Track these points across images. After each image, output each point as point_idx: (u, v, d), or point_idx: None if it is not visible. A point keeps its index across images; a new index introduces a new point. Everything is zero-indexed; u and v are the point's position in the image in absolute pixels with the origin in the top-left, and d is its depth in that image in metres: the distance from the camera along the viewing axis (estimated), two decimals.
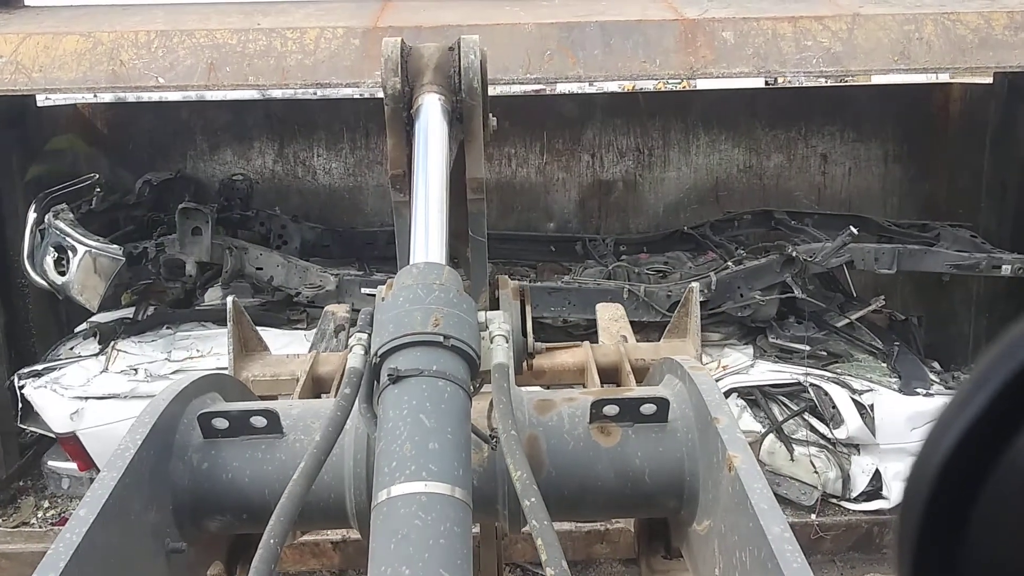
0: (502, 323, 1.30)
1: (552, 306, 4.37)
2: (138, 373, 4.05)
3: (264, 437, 1.41)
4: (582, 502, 1.43)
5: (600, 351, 2.07)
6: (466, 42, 1.67)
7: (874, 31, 3.97)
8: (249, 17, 4.16)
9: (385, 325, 1.21)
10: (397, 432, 1.08)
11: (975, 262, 4.48)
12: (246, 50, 3.87)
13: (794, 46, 3.93)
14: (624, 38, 3.93)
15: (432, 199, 1.49)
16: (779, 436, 4.01)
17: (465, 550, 0.99)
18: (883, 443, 3.97)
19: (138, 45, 3.87)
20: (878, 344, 4.50)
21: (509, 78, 3.86)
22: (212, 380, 1.56)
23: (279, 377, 2.04)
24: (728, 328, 4.53)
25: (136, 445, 1.27)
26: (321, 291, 4.37)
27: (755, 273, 4.45)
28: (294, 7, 4.43)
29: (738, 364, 4.29)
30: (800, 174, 5.45)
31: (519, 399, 1.46)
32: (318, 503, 1.37)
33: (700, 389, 1.40)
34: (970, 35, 3.96)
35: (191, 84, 3.85)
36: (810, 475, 4.02)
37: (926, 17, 4.01)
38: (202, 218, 4.32)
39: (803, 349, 4.34)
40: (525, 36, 3.90)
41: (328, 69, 3.85)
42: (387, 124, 1.66)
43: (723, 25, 3.97)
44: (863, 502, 4.04)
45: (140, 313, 4.57)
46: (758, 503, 1.14)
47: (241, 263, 4.47)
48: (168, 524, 1.34)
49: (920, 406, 3.98)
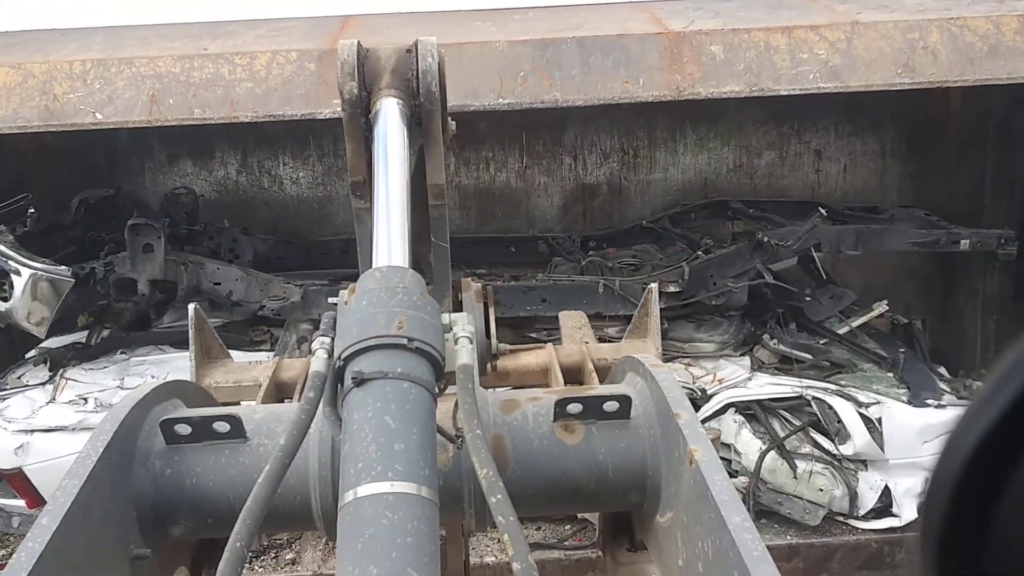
0: (466, 325, 1.32)
1: (527, 305, 4.20)
2: (88, 403, 3.76)
3: (227, 442, 1.42)
4: (548, 499, 1.47)
5: (563, 352, 2.13)
6: (424, 44, 1.65)
7: (875, 40, 3.70)
8: (195, 41, 3.89)
9: (348, 328, 1.21)
10: (362, 434, 1.09)
11: (935, 238, 4.50)
12: (191, 79, 3.60)
13: (789, 59, 3.67)
14: (604, 55, 3.67)
15: (393, 205, 1.50)
16: (781, 453, 3.75)
17: (432, 548, 1.00)
18: (892, 458, 3.72)
19: (73, 77, 3.59)
20: (883, 352, 4.25)
21: (480, 103, 3.59)
22: (174, 387, 1.56)
23: (241, 383, 2.06)
24: (723, 337, 4.27)
25: (98, 452, 1.27)
26: (286, 303, 4.11)
27: (726, 261, 4.33)
28: (245, 28, 4.14)
29: (735, 377, 4.03)
30: (793, 172, 5.19)
31: (484, 399, 1.48)
32: (283, 506, 1.38)
33: (661, 386, 1.43)
34: (979, 43, 3.68)
35: (131, 120, 3.57)
36: (815, 494, 3.75)
37: (931, 24, 3.73)
38: (153, 234, 4.04)
39: (805, 358, 4.09)
40: (497, 56, 3.64)
41: (281, 98, 3.59)
42: (345, 129, 1.66)
43: (711, 38, 3.71)
44: (872, 520, 3.78)
45: (93, 337, 4.27)
46: (719, 494, 1.17)
47: (198, 279, 4.20)
48: (132, 531, 1.35)
49: (931, 418, 3.73)
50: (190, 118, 3.60)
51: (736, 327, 4.32)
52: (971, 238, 4.43)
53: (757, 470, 3.73)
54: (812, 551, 3.77)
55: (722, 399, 3.89)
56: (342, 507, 1.03)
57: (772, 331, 4.22)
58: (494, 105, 3.62)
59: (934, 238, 4.46)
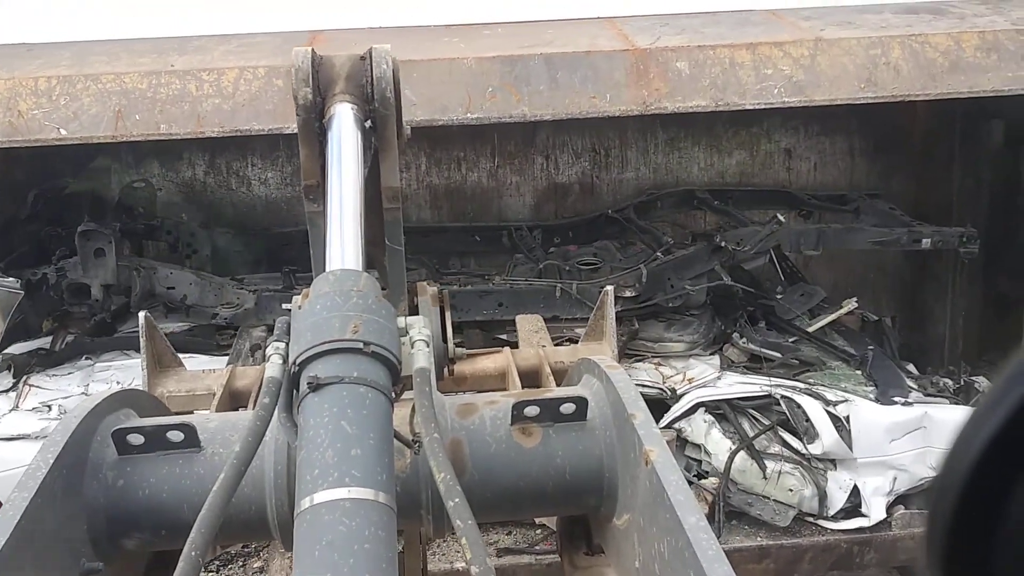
0: (422, 328, 1.32)
1: (484, 309, 4.19)
2: (52, 410, 3.70)
3: (181, 452, 1.40)
4: (506, 502, 1.48)
5: (520, 355, 2.15)
6: (378, 51, 1.68)
7: (838, 56, 3.74)
8: (163, 57, 3.86)
9: (303, 333, 1.20)
10: (319, 440, 1.08)
11: (896, 237, 4.48)
12: (157, 95, 3.57)
13: (754, 75, 3.70)
14: (571, 72, 3.69)
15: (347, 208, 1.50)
16: (750, 453, 3.76)
17: (390, 554, 1.00)
18: (861, 457, 3.73)
19: (37, 93, 3.55)
20: (851, 350, 4.27)
21: (448, 118, 3.60)
22: (125, 396, 1.54)
23: (195, 392, 2.05)
24: (693, 337, 4.27)
25: (48, 464, 1.25)
26: (239, 310, 4.07)
27: (684, 263, 4.33)
28: (214, 43, 4.11)
29: (704, 376, 4.03)
30: (764, 170, 5.21)
31: (441, 403, 1.47)
32: (239, 515, 1.36)
33: (617, 387, 1.44)
34: (940, 58, 3.74)
35: (96, 136, 3.54)
36: (785, 494, 3.76)
37: (893, 40, 3.78)
38: (104, 239, 4.00)
39: (774, 356, 4.10)
40: (465, 72, 3.64)
41: (248, 114, 3.57)
42: (299, 134, 1.67)
43: (677, 55, 3.73)
44: (841, 520, 3.79)
45: (57, 343, 4.21)
46: (674, 495, 1.18)
47: (151, 283, 4.16)
48: (83, 543, 1.33)
49: (898, 416, 3.75)
50: (156, 133, 3.58)
51: (706, 326, 4.32)
52: (932, 236, 4.44)
53: (727, 470, 3.74)
54: (782, 552, 3.78)
55: (692, 399, 3.89)
56: (298, 514, 1.02)
57: (742, 330, 4.22)
58: (462, 120, 3.63)
59: (896, 236, 4.47)
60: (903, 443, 3.76)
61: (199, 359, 3.97)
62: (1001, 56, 3.74)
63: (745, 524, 3.80)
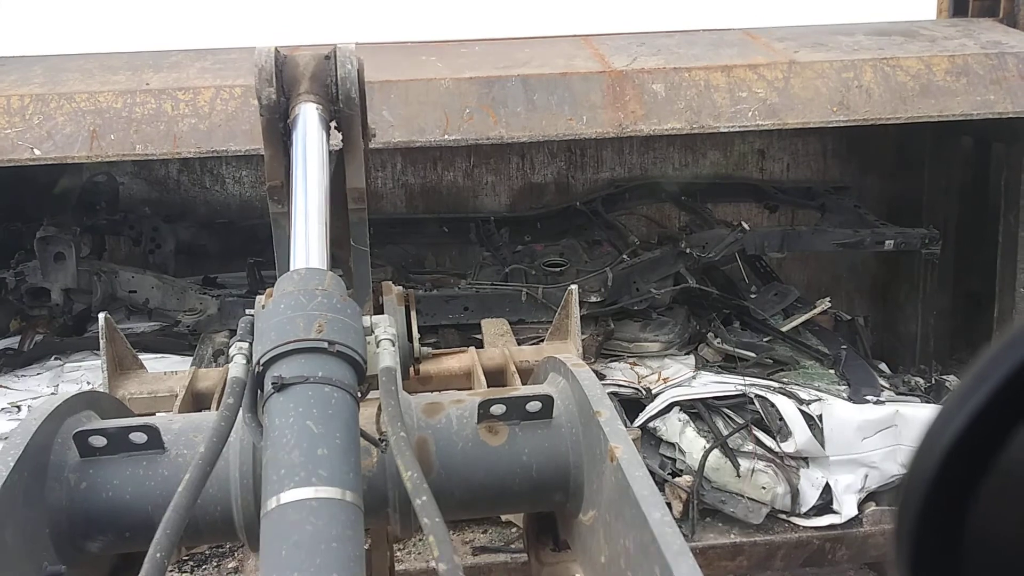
0: (388, 327, 1.31)
1: (450, 313, 4.20)
2: (21, 411, 3.66)
3: (145, 453, 1.38)
4: (473, 500, 1.48)
5: (486, 355, 2.15)
6: (342, 51, 1.68)
7: (811, 79, 3.80)
8: (137, 74, 3.82)
9: (267, 333, 1.20)
10: (284, 440, 1.08)
11: (860, 239, 4.55)
12: (132, 115, 3.55)
13: (728, 98, 3.74)
14: (548, 93, 3.71)
15: (312, 209, 1.50)
16: (724, 451, 3.77)
17: (357, 553, 1.00)
18: (832, 455, 3.76)
19: (11, 112, 3.52)
20: (824, 349, 4.31)
21: (426, 139, 3.61)
22: (87, 398, 1.52)
23: (157, 394, 2.03)
24: (668, 336, 4.29)
25: (8, 467, 1.23)
26: (202, 317, 4.03)
27: (650, 266, 4.36)
28: (189, 59, 4.07)
29: (679, 376, 4.05)
30: (738, 170, 5.25)
31: (407, 403, 1.48)
32: (204, 517, 1.36)
33: (582, 385, 1.45)
34: (911, 82, 3.81)
35: (71, 155, 3.50)
36: (758, 492, 3.78)
37: (865, 63, 3.85)
38: (64, 243, 3.96)
39: (749, 356, 4.13)
40: (443, 93, 3.65)
41: (225, 134, 3.54)
42: (263, 135, 1.66)
43: (653, 77, 3.76)
44: (813, 517, 3.81)
45: (26, 343, 4.16)
46: (639, 491, 1.18)
47: (112, 287, 4.13)
48: (45, 547, 1.31)
49: (870, 414, 3.78)
50: (132, 154, 3.56)
51: (681, 326, 4.34)
52: (896, 238, 4.51)
53: (701, 468, 3.76)
54: (755, 549, 3.80)
55: (667, 398, 3.90)
56: (265, 514, 1.02)
57: (716, 330, 4.25)
58: (440, 141, 3.64)
59: (860, 238, 4.53)
60: (875, 441, 3.79)
61: (171, 359, 3.94)
62: (970, 80, 3.81)
63: (719, 521, 3.82)
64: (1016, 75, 3.80)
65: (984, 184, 4.62)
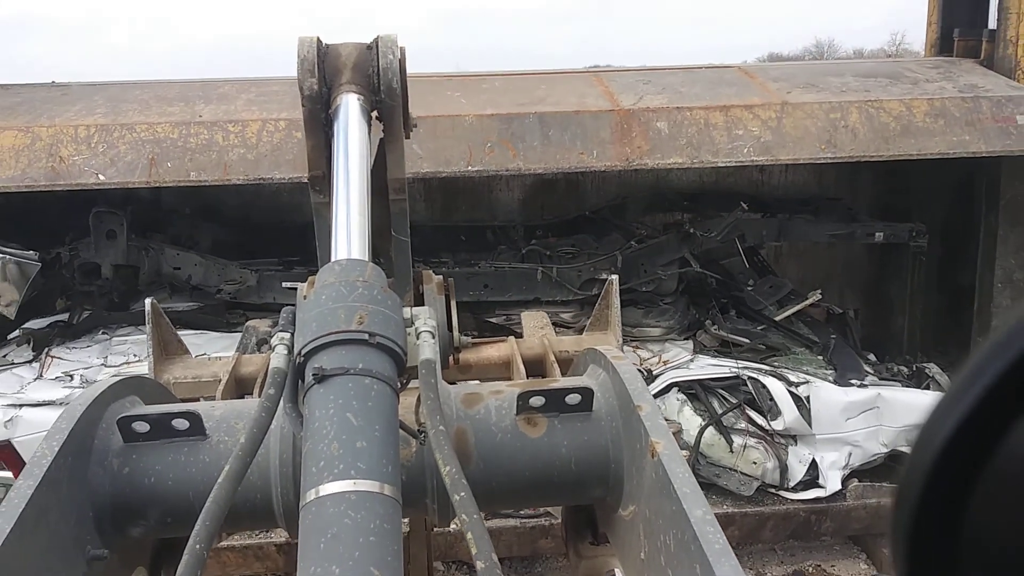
0: (428, 319, 1.31)
1: (471, 290, 4.50)
2: (74, 379, 3.97)
3: (187, 439, 1.38)
4: (510, 492, 1.45)
5: (525, 344, 2.12)
6: (384, 41, 1.65)
7: (802, 119, 4.10)
8: (190, 105, 4.12)
9: (308, 324, 1.19)
10: (324, 431, 1.07)
11: (851, 231, 4.88)
12: (187, 144, 3.85)
13: (726, 135, 4.04)
14: (562, 130, 4.01)
15: (353, 199, 1.49)
16: (718, 428, 4.07)
17: (395, 547, 1.00)
18: (819, 433, 4.06)
19: (77, 140, 3.83)
20: (815, 337, 4.60)
21: (452, 170, 3.92)
22: (131, 383, 1.52)
23: (201, 379, 2.03)
24: (669, 323, 4.60)
25: (53, 452, 1.24)
26: (242, 287, 4.36)
27: (656, 250, 4.68)
28: (236, 90, 4.38)
29: (678, 359, 4.35)
30: (739, 171, 5.52)
31: (446, 393, 1.46)
32: (244, 504, 1.35)
33: (623, 378, 1.42)
34: (893, 123, 4.12)
35: (131, 181, 3.79)
36: (749, 466, 4.08)
37: (851, 105, 4.15)
38: (116, 221, 4.28)
39: (743, 342, 4.43)
40: (466, 128, 3.97)
41: (270, 163, 3.84)
42: (305, 125, 1.66)
43: (657, 115, 4.07)
44: (800, 491, 4.11)
45: (75, 317, 4.48)
46: (680, 487, 1.16)
47: (158, 264, 4.44)
48: (89, 531, 1.31)
49: (854, 396, 4.08)
50: (187, 180, 3.83)
51: (681, 314, 4.65)
52: (884, 231, 4.83)
53: (697, 444, 4.05)
54: (746, 520, 4.09)
55: (666, 379, 4.20)
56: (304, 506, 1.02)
57: (714, 317, 4.56)
58: (463, 172, 3.94)
59: (851, 231, 4.85)
60: (858, 421, 4.09)
61: (209, 335, 4.26)
62: (947, 122, 4.11)
63: (713, 494, 4.11)
64: (990, 118, 4.10)
65: (969, 187, 4.89)
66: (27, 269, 4.02)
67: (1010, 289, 4.48)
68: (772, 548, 4.53)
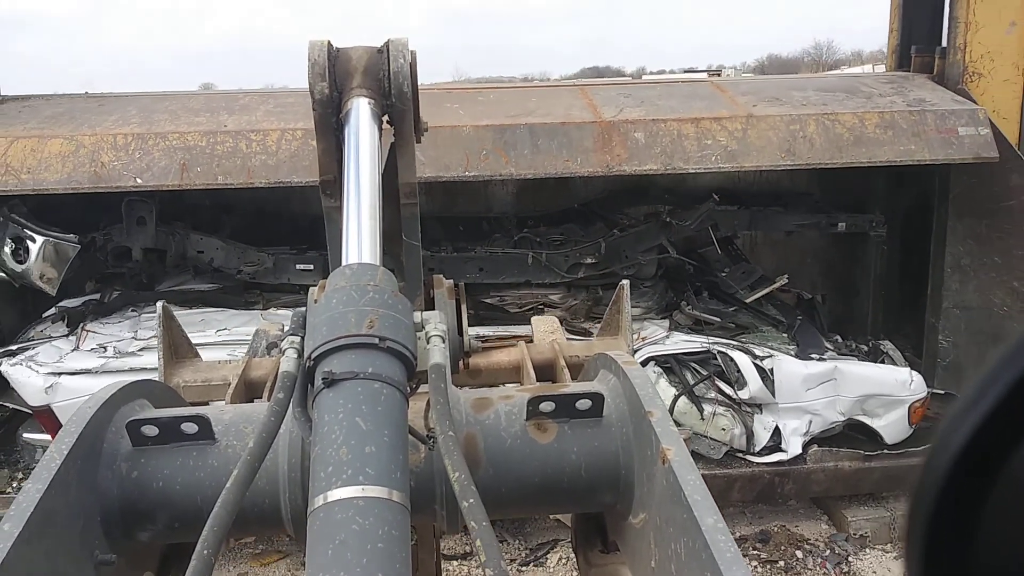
0: (438, 323, 1.31)
1: (468, 273, 4.92)
2: (107, 350, 4.38)
3: (195, 443, 1.38)
4: (520, 498, 1.44)
5: (535, 349, 2.12)
6: (395, 44, 1.66)
7: (765, 131, 4.52)
8: (215, 116, 4.52)
9: (318, 327, 1.20)
10: (333, 436, 1.08)
11: (816, 221, 5.31)
12: (215, 151, 4.25)
13: (696, 144, 4.46)
14: (550, 139, 4.43)
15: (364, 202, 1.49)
16: (690, 398, 4.49)
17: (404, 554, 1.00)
18: (781, 402, 4.47)
19: (116, 148, 4.23)
20: (782, 318, 5.02)
21: (451, 175, 4.34)
22: (140, 387, 1.51)
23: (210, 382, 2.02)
24: (648, 303, 5.02)
25: (62, 455, 1.22)
26: (259, 269, 4.78)
27: (637, 238, 5.11)
28: (256, 101, 4.78)
29: (655, 336, 4.77)
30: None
31: (456, 398, 1.46)
32: (252, 509, 1.35)
33: (634, 383, 1.41)
34: (847, 134, 4.54)
35: (165, 184, 4.19)
36: (718, 432, 4.50)
37: (809, 117, 4.58)
38: (146, 208, 4.71)
39: (714, 321, 4.85)
40: (464, 138, 4.38)
41: (289, 168, 4.23)
42: (316, 129, 1.67)
43: (635, 126, 4.48)
44: (765, 455, 4.52)
45: (106, 296, 4.91)
46: (692, 495, 1.15)
47: (184, 248, 4.87)
48: (97, 535, 1.31)
49: (813, 369, 4.50)
50: (214, 184, 4.23)
51: (659, 295, 5.08)
52: (847, 221, 5.25)
53: (671, 412, 4.47)
54: (716, 482, 4.46)
55: (644, 354, 4.60)
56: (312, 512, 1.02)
57: (689, 299, 4.98)
58: (461, 177, 4.35)
59: (816, 221, 5.27)
60: (817, 392, 4.51)
61: (228, 312, 4.69)
62: (896, 132, 4.53)
63: None
64: (934, 129, 4.52)
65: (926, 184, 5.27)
66: (67, 251, 4.44)
67: (958, 274, 4.90)
68: (742, 511, 4.94)
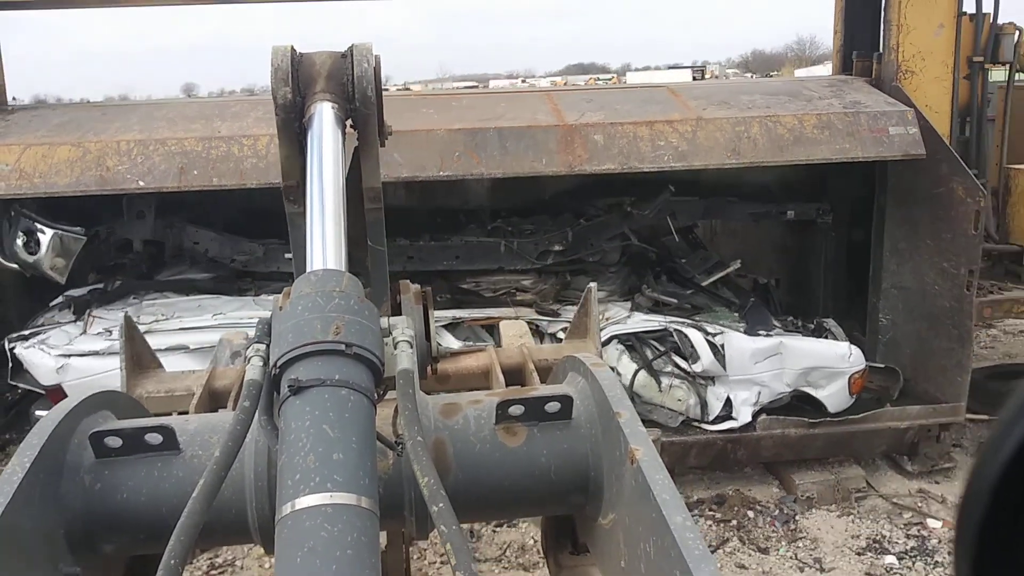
0: (405, 328, 1.32)
1: (444, 260, 5.29)
2: (114, 334, 4.74)
3: (160, 454, 1.37)
4: (490, 503, 1.45)
5: (504, 353, 2.12)
6: (359, 49, 1.65)
7: (712, 132, 4.89)
8: (210, 122, 4.84)
9: (284, 335, 1.20)
10: (300, 444, 1.07)
11: (767, 210, 5.71)
12: (210, 155, 4.58)
13: (650, 146, 4.81)
14: (517, 141, 4.77)
15: (328, 208, 1.48)
16: (649, 372, 4.87)
17: (373, 559, 1.00)
18: (732, 375, 4.85)
19: (120, 153, 4.57)
20: (735, 300, 5.44)
21: (426, 175, 4.68)
22: (103, 398, 1.50)
23: (174, 393, 2.01)
24: (611, 287, 5.43)
25: (24, 468, 1.22)
26: (251, 258, 5.17)
27: (601, 226, 5.52)
28: (246, 107, 5.11)
29: (618, 316, 5.16)
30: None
31: (424, 404, 1.45)
32: (219, 519, 1.32)
33: (602, 385, 1.42)
34: (787, 134, 4.92)
35: (165, 186, 4.53)
36: (675, 403, 4.88)
37: (753, 119, 4.96)
38: (145, 203, 5.11)
39: (672, 302, 5.26)
40: (438, 140, 4.72)
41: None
42: (278, 134, 1.67)
43: (595, 129, 4.84)
44: (718, 424, 4.89)
45: (108, 286, 5.29)
46: (660, 494, 1.17)
47: (180, 239, 5.27)
48: (61, 548, 1.30)
49: (761, 344, 4.89)
50: (210, 185, 4.56)
51: (623, 279, 5.49)
52: (795, 210, 5.68)
53: (631, 386, 4.86)
54: (673, 448, 4.86)
55: (607, 333, 4.98)
56: (279, 520, 1.01)
57: (649, 283, 5.39)
58: (436, 176, 4.70)
59: (767, 210, 5.69)
60: (764, 365, 4.91)
61: (223, 298, 5.08)
62: (832, 132, 4.93)
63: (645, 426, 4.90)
64: (867, 129, 4.94)
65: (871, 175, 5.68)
66: (74, 243, 4.81)
67: (896, 257, 5.32)
68: (700, 477, 5.33)
